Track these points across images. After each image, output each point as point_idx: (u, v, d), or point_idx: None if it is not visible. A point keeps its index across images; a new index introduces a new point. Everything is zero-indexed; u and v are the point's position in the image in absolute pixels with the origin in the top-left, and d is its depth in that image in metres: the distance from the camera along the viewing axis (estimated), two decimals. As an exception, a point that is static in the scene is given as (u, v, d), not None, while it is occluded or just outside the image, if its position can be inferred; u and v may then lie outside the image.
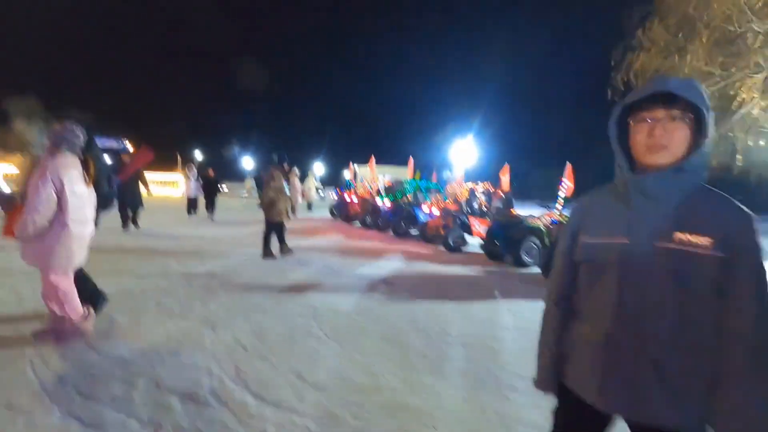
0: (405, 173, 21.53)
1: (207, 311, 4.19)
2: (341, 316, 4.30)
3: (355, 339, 3.68)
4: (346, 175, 18.76)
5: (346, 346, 3.50)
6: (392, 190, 11.55)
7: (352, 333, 3.83)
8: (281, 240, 7.29)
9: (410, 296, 5.16)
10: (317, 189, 24.94)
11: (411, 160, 15.14)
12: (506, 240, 7.58)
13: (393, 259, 7.62)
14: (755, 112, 10.00)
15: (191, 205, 12.25)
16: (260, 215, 7.30)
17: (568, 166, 9.04)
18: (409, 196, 11.19)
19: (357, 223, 12.98)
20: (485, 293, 5.56)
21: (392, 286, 5.61)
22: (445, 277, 6.45)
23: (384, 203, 11.27)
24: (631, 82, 14.91)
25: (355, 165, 18.67)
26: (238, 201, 24.04)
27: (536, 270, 7.32)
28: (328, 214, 15.58)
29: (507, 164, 9.82)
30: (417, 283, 5.93)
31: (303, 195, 16.13)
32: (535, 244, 7.49)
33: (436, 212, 9.25)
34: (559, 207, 8.23)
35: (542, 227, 7.63)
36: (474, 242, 9.55)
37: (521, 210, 9.65)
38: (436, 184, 13.01)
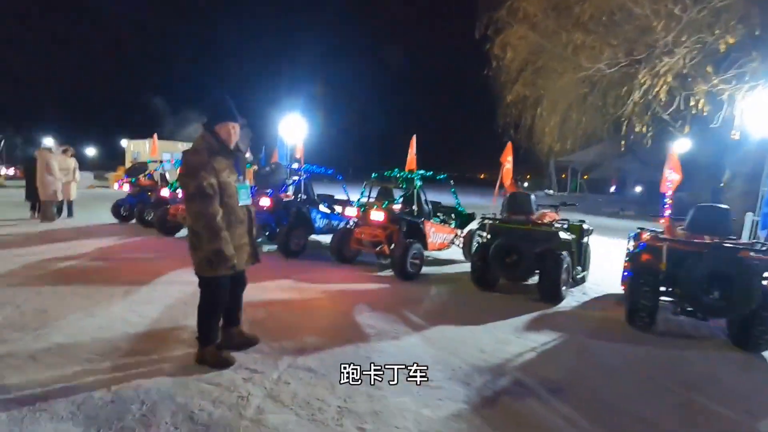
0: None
1: None
2: None
3: None
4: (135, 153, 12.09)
5: None
6: (271, 179, 6.91)
7: None
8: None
9: None
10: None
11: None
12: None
13: (373, 329, 3.72)
14: (662, 96, 9.70)
15: None
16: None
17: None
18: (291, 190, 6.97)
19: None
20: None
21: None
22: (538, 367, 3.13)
23: (260, 201, 6.60)
24: (499, 56, 14.22)
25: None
26: None
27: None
28: (106, 217, 9.29)
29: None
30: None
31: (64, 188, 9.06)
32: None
33: (378, 217, 5.55)
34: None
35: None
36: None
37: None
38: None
